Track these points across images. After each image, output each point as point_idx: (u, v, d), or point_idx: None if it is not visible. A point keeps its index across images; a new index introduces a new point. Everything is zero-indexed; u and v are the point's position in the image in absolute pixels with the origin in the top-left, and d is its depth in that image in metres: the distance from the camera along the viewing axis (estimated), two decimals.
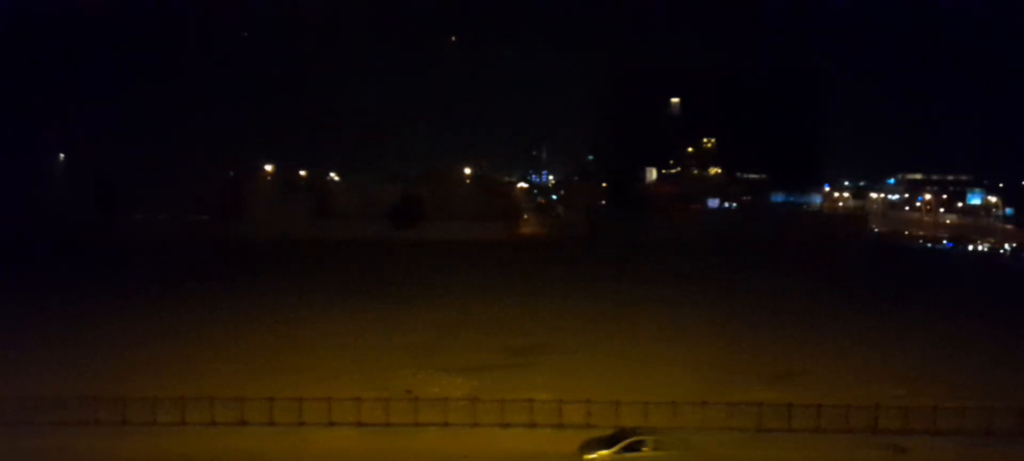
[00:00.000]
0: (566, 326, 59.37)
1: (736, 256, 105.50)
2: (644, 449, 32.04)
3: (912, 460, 33.95)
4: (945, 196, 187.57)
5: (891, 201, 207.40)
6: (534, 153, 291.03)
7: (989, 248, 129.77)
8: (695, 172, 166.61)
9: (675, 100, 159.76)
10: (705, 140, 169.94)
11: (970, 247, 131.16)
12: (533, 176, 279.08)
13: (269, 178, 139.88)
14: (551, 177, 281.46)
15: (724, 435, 35.16)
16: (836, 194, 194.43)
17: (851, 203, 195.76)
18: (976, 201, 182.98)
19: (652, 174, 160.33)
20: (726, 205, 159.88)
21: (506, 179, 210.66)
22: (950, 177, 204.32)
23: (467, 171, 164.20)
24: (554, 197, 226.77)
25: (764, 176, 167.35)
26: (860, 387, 43.01)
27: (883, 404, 37.26)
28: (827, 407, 36.44)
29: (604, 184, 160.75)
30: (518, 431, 35.89)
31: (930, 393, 40.95)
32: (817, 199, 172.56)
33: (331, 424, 35.72)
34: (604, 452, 32.04)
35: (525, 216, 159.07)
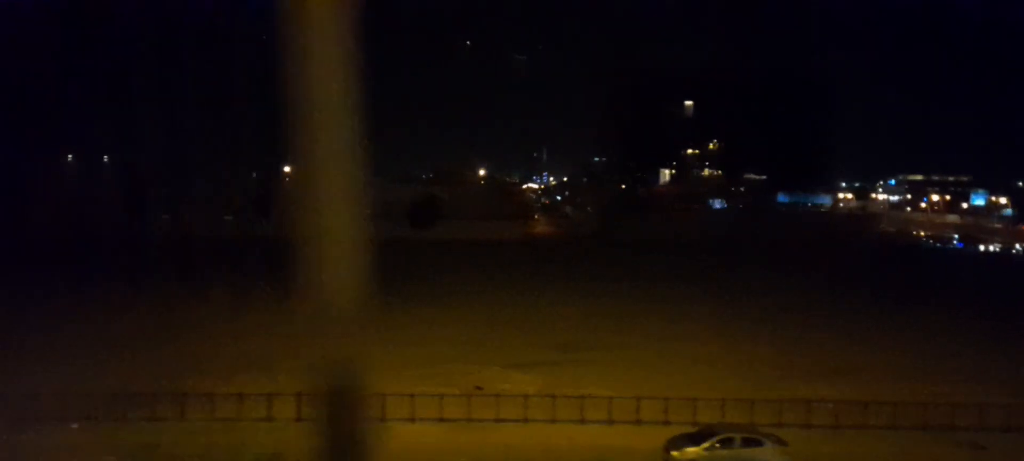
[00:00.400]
0: (606, 324, 59.70)
1: (754, 256, 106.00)
2: (732, 447, 32.37)
3: (990, 458, 34.51)
4: (948, 197, 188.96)
5: (892, 202, 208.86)
6: (534, 155, 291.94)
7: (1000, 248, 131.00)
8: (704, 173, 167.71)
9: (689, 102, 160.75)
10: (711, 142, 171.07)
11: (981, 247, 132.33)
12: (534, 177, 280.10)
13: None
14: (551, 178, 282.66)
15: (803, 432, 35.64)
16: (839, 195, 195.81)
17: (854, 203, 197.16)
18: (980, 202, 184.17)
19: (665, 175, 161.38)
20: (739, 206, 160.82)
21: (509, 180, 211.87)
22: (951, 178, 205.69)
23: (481, 172, 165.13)
24: (558, 198, 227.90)
25: (772, 176, 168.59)
26: (916, 384, 43.56)
27: (960, 402, 37.82)
28: (903, 404, 37.00)
29: (622, 185, 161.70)
30: (596, 427, 36.28)
31: (986, 391, 41.50)
32: (824, 199, 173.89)
33: (413, 420, 36.05)
34: (693, 449, 32.31)
35: (536, 216, 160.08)
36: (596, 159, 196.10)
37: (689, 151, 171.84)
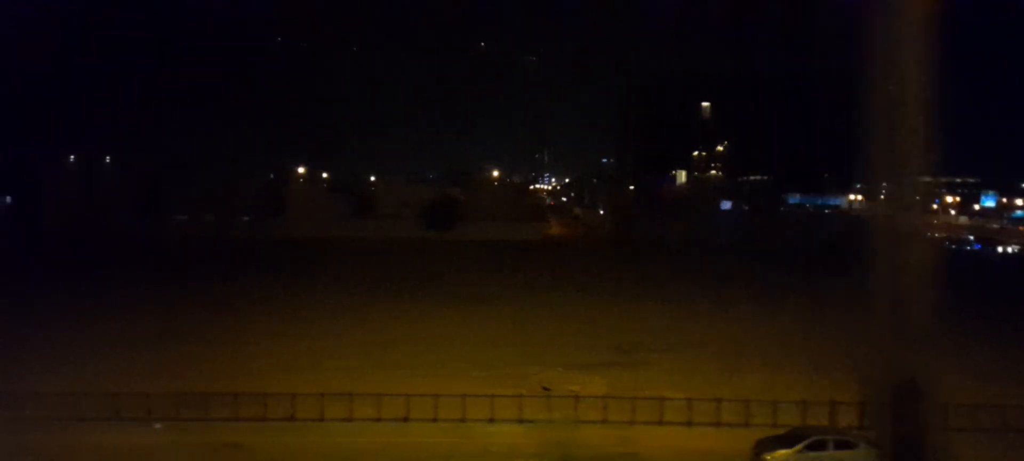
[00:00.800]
0: (652, 326, 59.36)
1: (773, 257, 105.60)
2: (826, 450, 31.91)
3: None
4: (958, 199, 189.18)
5: None
6: (536, 156, 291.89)
7: (1018, 249, 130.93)
8: (715, 173, 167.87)
9: (706, 104, 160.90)
10: (720, 143, 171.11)
11: (999, 249, 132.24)
12: (541, 179, 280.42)
13: (308, 179, 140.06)
14: (553, 180, 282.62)
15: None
16: (850, 195, 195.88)
17: (863, 204, 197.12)
18: (990, 203, 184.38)
19: (682, 176, 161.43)
20: (746, 207, 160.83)
21: (509, 181, 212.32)
22: (958, 180, 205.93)
23: (495, 173, 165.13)
24: (564, 199, 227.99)
25: (779, 177, 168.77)
26: (979, 385, 43.26)
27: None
28: (982, 406, 36.69)
29: (634, 186, 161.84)
30: (676, 429, 35.82)
31: None
32: (836, 201, 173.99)
33: (492, 420, 35.67)
34: (784, 452, 31.80)
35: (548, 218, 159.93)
36: (605, 160, 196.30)
37: (698, 153, 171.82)
